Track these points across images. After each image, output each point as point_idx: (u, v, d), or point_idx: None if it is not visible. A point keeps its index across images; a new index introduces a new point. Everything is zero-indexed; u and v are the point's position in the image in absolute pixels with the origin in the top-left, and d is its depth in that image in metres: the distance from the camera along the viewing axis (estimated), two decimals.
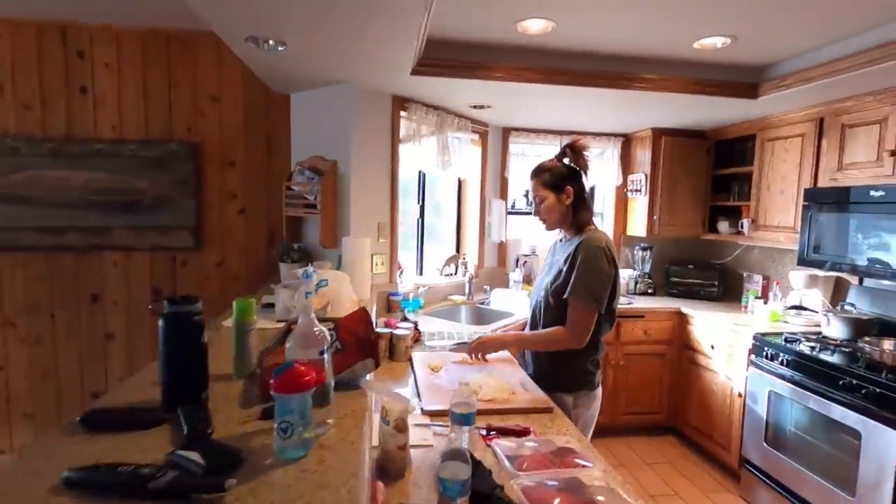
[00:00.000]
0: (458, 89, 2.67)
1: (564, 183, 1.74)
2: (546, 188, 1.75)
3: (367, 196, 2.73)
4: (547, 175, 1.76)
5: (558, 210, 1.76)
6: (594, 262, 1.63)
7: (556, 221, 1.79)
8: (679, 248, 4.03)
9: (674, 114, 3.13)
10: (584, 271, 1.63)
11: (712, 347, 3.06)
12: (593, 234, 1.70)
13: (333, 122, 2.67)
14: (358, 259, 2.33)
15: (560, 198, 1.74)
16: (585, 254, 1.64)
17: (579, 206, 1.77)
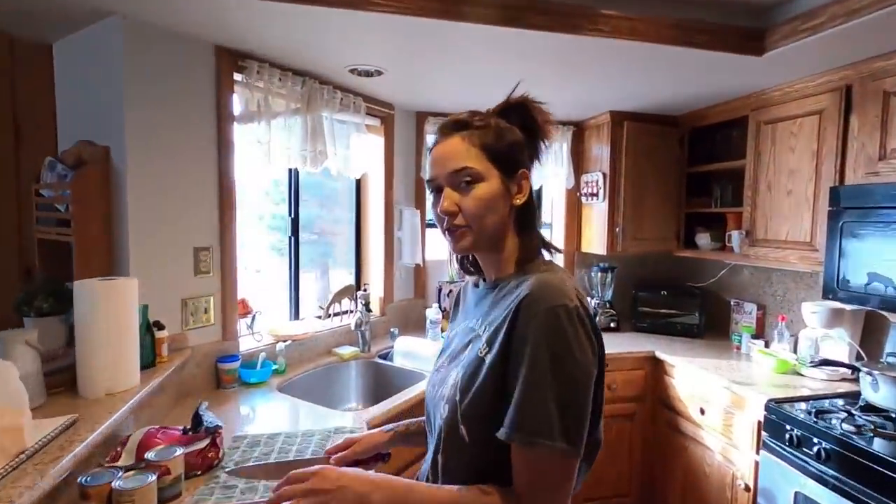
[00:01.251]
0: (322, 34, 1.68)
1: (520, 161, 0.85)
2: (485, 158, 0.82)
3: (171, 205, 1.69)
4: (491, 134, 0.83)
5: (497, 212, 0.82)
6: (564, 352, 0.71)
7: (486, 236, 0.83)
8: (648, 268, 3.18)
9: (639, 86, 2.26)
10: (544, 377, 0.71)
11: (702, 412, 2.18)
12: (549, 280, 0.77)
13: (103, 85, 1.62)
14: (110, 315, 1.29)
15: (508, 186, 0.83)
16: (543, 331, 0.72)
17: (528, 217, 0.87)
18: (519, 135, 0.85)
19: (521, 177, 0.84)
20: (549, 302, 0.72)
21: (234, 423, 1.57)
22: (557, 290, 0.74)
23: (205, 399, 1.72)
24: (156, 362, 1.54)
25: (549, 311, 0.71)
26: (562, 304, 0.72)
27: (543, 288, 0.74)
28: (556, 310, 0.71)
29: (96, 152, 1.59)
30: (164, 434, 1.24)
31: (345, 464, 1.03)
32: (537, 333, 0.71)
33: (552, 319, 0.71)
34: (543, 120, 0.88)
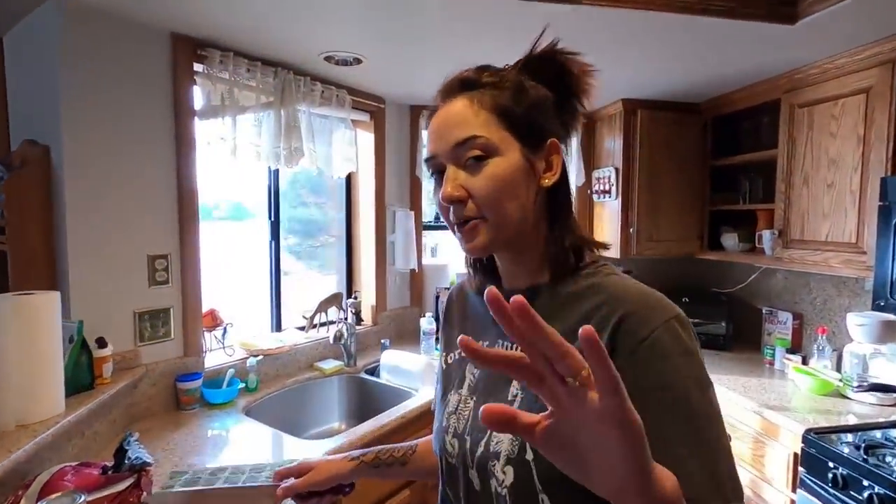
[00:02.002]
0: (289, 15, 1.50)
1: (548, 129, 0.63)
2: (501, 125, 0.60)
3: (120, 209, 1.53)
4: (508, 93, 0.62)
5: (519, 196, 0.61)
6: (704, 377, 0.54)
7: (508, 229, 0.61)
8: (668, 272, 2.89)
9: (655, 69, 2.00)
10: (702, 422, 0.51)
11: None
12: (636, 285, 0.60)
13: (42, 79, 1.48)
14: (22, 336, 1.13)
15: (533, 161, 0.62)
16: (675, 358, 0.53)
17: (562, 202, 0.65)
18: (547, 93, 0.63)
19: (551, 149, 0.62)
20: (661, 315, 0.54)
21: (181, 453, 1.39)
22: (657, 298, 0.56)
23: (160, 423, 1.57)
24: (94, 385, 1.38)
25: (666, 328, 0.53)
26: (676, 315, 0.54)
27: (639, 297, 0.56)
28: (673, 324, 0.54)
29: (35, 152, 1.45)
30: (77, 474, 1.07)
31: (296, 495, 0.84)
32: (668, 364, 0.52)
33: (676, 339, 0.53)
34: (581, 70, 0.65)
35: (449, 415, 0.69)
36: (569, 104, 0.65)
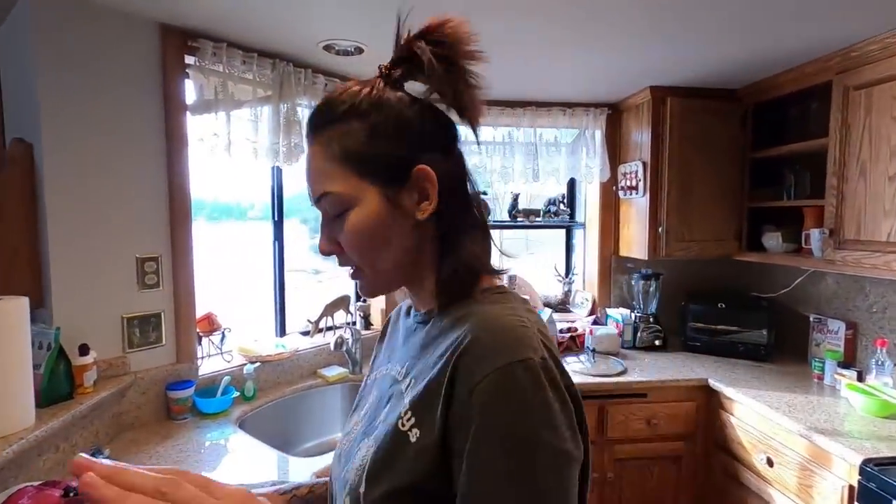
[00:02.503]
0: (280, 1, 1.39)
1: (411, 156, 0.55)
2: (352, 172, 0.54)
3: (105, 208, 1.46)
4: (357, 130, 0.54)
5: (391, 240, 0.56)
6: (531, 437, 0.44)
7: (389, 274, 0.59)
8: (702, 274, 2.66)
9: (686, 50, 1.81)
10: (502, 485, 0.43)
11: (769, 463, 1.69)
12: (499, 319, 0.51)
13: (24, 74, 1.42)
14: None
15: (396, 200, 0.55)
16: (497, 406, 0.44)
17: (451, 227, 0.57)
18: (407, 111, 0.55)
19: (421, 177, 0.54)
20: (503, 357, 0.46)
21: None
22: (513, 336, 0.48)
23: (146, 434, 1.49)
24: (73, 394, 1.31)
25: (503, 373, 0.45)
26: (522, 360, 0.45)
27: (492, 332, 0.48)
28: (513, 369, 0.45)
29: (19, 151, 1.39)
30: (36, 496, 0.98)
31: None
32: (488, 410, 0.44)
33: (509, 385, 0.44)
34: (462, 52, 0.54)
35: (343, 436, 0.64)
36: (450, 128, 0.58)
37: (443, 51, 0.54)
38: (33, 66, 1.33)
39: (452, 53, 0.54)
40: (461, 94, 0.55)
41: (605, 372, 2.08)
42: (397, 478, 0.47)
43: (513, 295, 0.57)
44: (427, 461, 0.46)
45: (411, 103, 0.56)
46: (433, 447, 0.46)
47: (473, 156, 2.58)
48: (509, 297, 0.56)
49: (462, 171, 0.59)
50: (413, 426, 0.49)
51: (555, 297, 2.87)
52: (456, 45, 0.54)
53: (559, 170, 2.58)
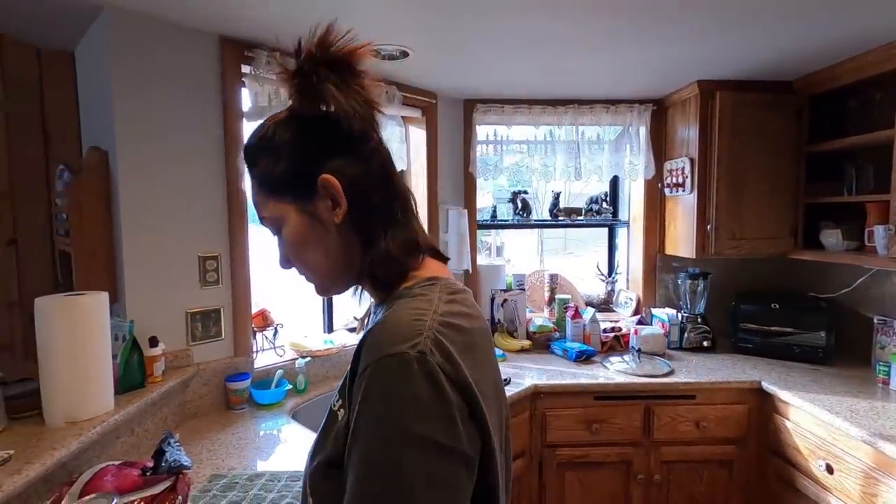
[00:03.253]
0: (328, 7, 1.46)
1: (309, 171, 0.60)
2: (271, 197, 0.62)
3: (172, 210, 1.57)
4: (264, 162, 0.62)
5: (317, 246, 0.62)
6: (397, 426, 0.47)
7: (330, 276, 0.65)
8: (754, 274, 2.57)
9: (736, 42, 1.75)
10: (366, 463, 0.47)
11: (829, 470, 1.62)
12: (399, 313, 0.54)
13: (100, 87, 1.54)
14: (72, 335, 1.16)
15: (312, 210, 0.61)
16: (369, 393, 0.48)
17: (367, 224, 0.61)
18: (299, 130, 0.60)
19: (325, 186, 0.59)
20: (381, 350, 0.49)
21: (224, 454, 1.39)
22: (399, 331, 0.50)
23: (208, 422, 1.59)
24: (145, 383, 1.41)
25: (377, 365, 0.48)
26: (395, 354, 0.48)
27: (386, 325, 0.52)
28: (387, 362, 0.48)
29: (96, 157, 1.51)
30: (117, 474, 1.07)
31: None
32: (364, 398, 0.48)
33: (381, 376, 0.48)
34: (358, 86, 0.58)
35: None
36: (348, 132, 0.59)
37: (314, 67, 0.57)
38: (109, 80, 1.44)
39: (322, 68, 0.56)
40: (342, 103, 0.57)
41: (650, 372, 2.05)
42: (328, 451, 0.54)
43: (440, 285, 0.58)
44: (346, 434, 0.51)
45: (303, 119, 0.60)
46: (348, 423, 0.51)
47: (512, 155, 2.59)
48: (434, 288, 0.58)
49: (376, 170, 0.61)
50: (340, 407, 0.56)
51: (597, 297, 2.84)
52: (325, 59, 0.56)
53: (602, 167, 2.55)
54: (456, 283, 0.62)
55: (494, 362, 0.62)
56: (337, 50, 0.57)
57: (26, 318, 1.82)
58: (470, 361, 0.51)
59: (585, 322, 2.37)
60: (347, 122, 0.58)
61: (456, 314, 0.55)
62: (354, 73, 0.58)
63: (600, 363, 2.19)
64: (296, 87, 0.58)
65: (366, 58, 0.58)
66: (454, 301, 0.57)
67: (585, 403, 1.96)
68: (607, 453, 1.96)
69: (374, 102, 0.59)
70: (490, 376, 0.57)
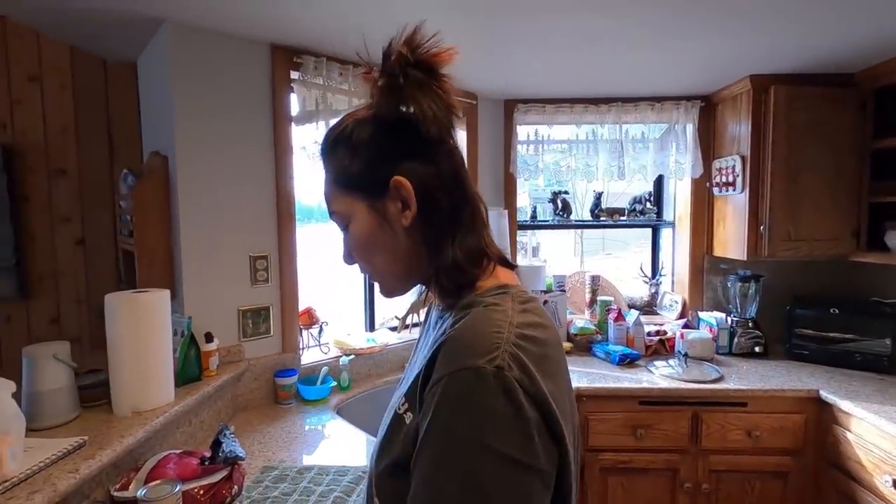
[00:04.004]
0: (371, 10, 1.49)
1: (383, 172, 0.60)
2: (343, 192, 0.63)
3: (225, 212, 1.64)
4: (340, 156, 0.62)
5: (383, 247, 0.62)
6: (470, 438, 0.46)
7: (391, 278, 0.65)
8: (810, 277, 2.44)
9: (792, 33, 1.68)
10: (435, 474, 0.47)
11: (895, 485, 1.53)
12: (477, 323, 0.53)
13: (161, 95, 1.62)
14: (137, 329, 1.23)
15: (382, 211, 0.61)
16: (443, 404, 0.48)
17: (435, 231, 0.60)
18: (378, 128, 0.60)
19: (397, 188, 0.59)
20: (458, 362, 0.48)
21: (274, 447, 1.44)
22: (477, 343, 0.50)
23: (258, 416, 1.65)
24: (202, 376, 1.48)
25: (452, 378, 0.48)
26: (473, 367, 0.47)
27: (462, 337, 0.51)
28: (463, 375, 0.48)
29: (157, 162, 1.60)
30: (179, 462, 1.13)
31: None
32: (437, 409, 0.48)
33: (455, 389, 0.48)
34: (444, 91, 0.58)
35: None
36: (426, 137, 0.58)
37: (402, 69, 0.56)
38: (169, 89, 1.52)
39: (411, 69, 0.56)
40: (426, 107, 0.57)
41: (698, 378, 1.98)
42: (396, 454, 0.53)
43: (511, 294, 0.57)
44: (414, 439, 0.50)
45: (383, 120, 0.60)
46: (417, 427, 0.51)
47: (551, 154, 2.56)
48: (506, 297, 0.56)
49: (448, 175, 0.61)
50: (407, 410, 0.55)
51: (640, 299, 2.77)
52: (414, 61, 0.56)
53: (646, 167, 2.48)
54: (526, 291, 0.60)
55: (567, 372, 0.60)
56: (424, 52, 0.57)
57: (94, 313, 1.95)
58: (546, 374, 0.50)
59: (629, 325, 2.32)
60: (426, 126, 0.57)
61: (530, 325, 0.53)
62: (437, 77, 0.57)
63: (645, 367, 2.14)
64: (383, 87, 0.58)
65: (450, 61, 0.58)
66: (527, 311, 0.55)
67: (629, 408, 1.91)
68: (652, 460, 1.91)
69: (453, 107, 0.59)
70: (564, 387, 0.55)
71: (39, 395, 1.12)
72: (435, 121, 0.57)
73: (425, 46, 0.57)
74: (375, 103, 0.60)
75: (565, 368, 0.59)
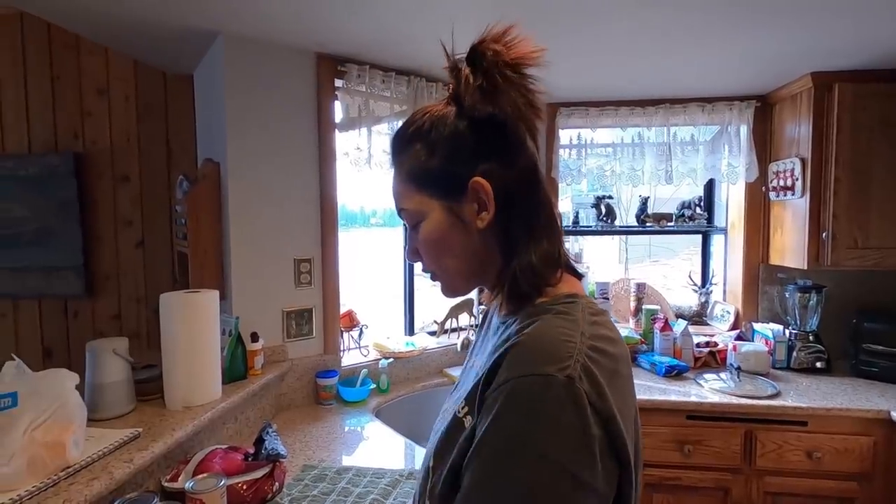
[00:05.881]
0: (415, 19, 1.51)
1: (464, 171, 0.58)
2: (417, 190, 0.61)
3: (272, 216, 1.70)
4: (417, 152, 0.60)
5: (455, 249, 0.61)
6: (531, 445, 0.45)
7: (459, 279, 0.64)
8: (879, 288, 2.26)
9: (857, 27, 1.57)
10: (491, 477, 0.46)
11: None
12: (547, 331, 0.51)
13: (215, 104, 1.70)
14: (187, 328, 1.29)
15: (458, 211, 0.59)
16: (506, 408, 0.47)
17: (512, 235, 0.59)
18: (459, 126, 0.58)
19: (476, 189, 0.57)
20: (528, 367, 0.47)
21: (314, 446, 1.47)
22: (549, 351, 0.48)
23: (300, 415, 1.69)
24: (247, 375, 1.53)
25: (520, 382, 0.47)
26: (543, 374, 0.46)
27: (532, 343, 0.50)
28: (531, 381, 0.46)
29: (210, 168, 1.68)
30: (224, 457, 1.17)
31: None
32: (499, 412, 0.47)
33: (523, 394, 0.46)
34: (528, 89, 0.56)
35: (440, 415, 0.66)
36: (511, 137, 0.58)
37: (498, 67, 0.54)
38: (223, 98, 1.60)
39: (506, 68, 0.54)
40: (517, 107, 0.55)
41: (752, 393, 1.87)
42: (455, 456, 0.51)
43: (581, 304, 0.55)
44: (472, 441, 0.49)
45: (464, 118, 0.58)
46: (475, 430, 0.50)
47: (595, 158, 2.50)
48: (576, 307, 0.54)
49: (526, 178, 0.59)
50: (467, 414, 0.53)
51: (689, 309, 2.65)
52: (509, 59, 0.54)
53: (696, 170, 2.38)
54: (595, 302, 0.58)
55: (634, 391, 0.57)
56: (515, 51, 0.55)
57: (150, 311, 2.06)
58: (615, 391, 0.48)
59: (676, 335, 2.22)
60: (514, 127, 0.57)
61: (602, 338, 0.51)
62: (525, 76, 0.55)
63: (693, 380, 2.04)
64: (480, 85, 0.55)
65: (539, 61, 0.56)
66: (597, 323, 0.53)
67: (677, 422, 1.83)
68: (701, 478, 1.82)
69: (538, 108, 0.57)
70: (631, 405, 0.53)
71: (100, 387, 1.19)
72: (523, 122, 0.56)
73: (515, 45, 0.55)
74: (467, 101, 0.57)
75: (632, 387, 0.56)
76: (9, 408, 0.90)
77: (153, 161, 2.06)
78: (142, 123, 2.04)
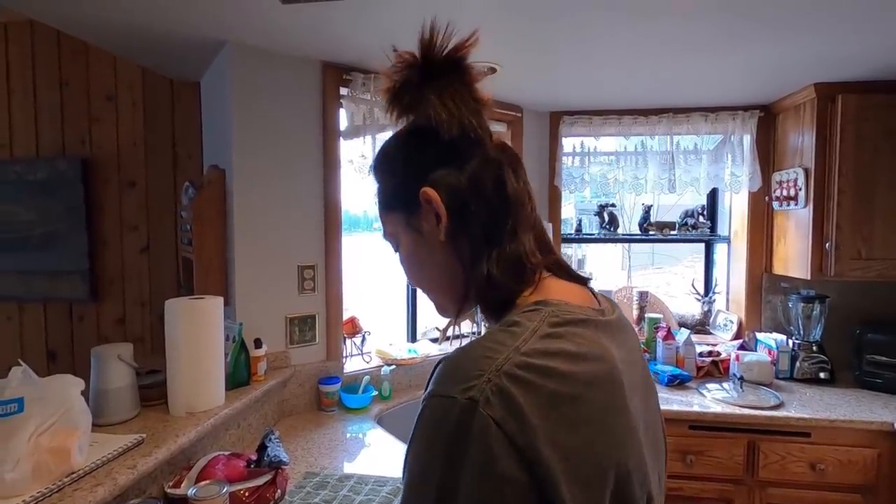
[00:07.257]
0: (415, 26, 1.52)
1: (413, 185, 0.55)
2: (389, 211, 0.61)
3: (276, 223, 1.70)
4: (380, 176, 0.62)
5: (428, 264, 0.59)
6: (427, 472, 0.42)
7: (444, 296, 0.61)
8: (882, 299, 2.25)
9: (861, 38, 1.57)
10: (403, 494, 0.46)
11: None
12: (474, 345, 0.45)
13: (221, 112, 1.72)
14: (191, 334, 1.29)
15: (418, 226, 0.57)
16: (415, 430, 0.44)
17: (470, 243, 0.54)
18: (404, 140, 0.59)
19: (426, 199, 0.54)
20: (436, 386, 0.43)
21: (317, 453, 1.47)
22: (458, 367, 0.43)
23: (302, 421, 1.69)
24: (250, 381, 1.54)
25: (426, 405, 0.43)
26: (445, 396, 0.41)
27: (454, 357, 0.45)
28: (434, 403, 0.42)
29: (215, 175, 1.69)
30: (227, 464, 1.18)
31: None
32: (413, 432, 0.45)
33: (426, 417, 0.43)
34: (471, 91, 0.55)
35: None
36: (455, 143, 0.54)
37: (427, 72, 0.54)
38: (229, 106, 1.61)
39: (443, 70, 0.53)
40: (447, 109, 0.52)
41: (755, 403, 1.86)
42: None
43: (544, 313, 0.47)
44: None
45: (409, 132, 0.58)
46: None
47: (598, 166, 2.50)
48: (534, 316, 0.47)
49: (484, 178, 0.54)
50: None
51: (692, 317, 2.64)
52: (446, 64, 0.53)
53: (699, 179, 2.39)
54: (575, 310, 0.49)
55: (627, 421, 0.46)
56: (440, 51, 0.53)
57: (154, 316, 2.07)
58: (563, 421, 0.40)
59: (679, 344, 2.22)
60: (448, 129, 0.52)
61: (551, 353, 0.42)
62: (460, 71, 0.53)
63: (696, 389, 2.03)
64: (390, 97, 0.55)
65: (472, 50, 0.53)
66: (555, 336, 0.44)
67: (679, 432, 1.83)
68: (703, 488, 1.81)
69: (480, 101, 0.54)
70: (616, 444, 0.44)
71: (105, 392, 1.20)
72: (455, 119, 0.52)
73: (442, 43, 0.53)
74: (394, 114, 0.56)
75: (628, 418, 0.46)
76: (15, 413, 0.90)
77: (159, 167, 2.07)
78: (148, 130, 2.06)
